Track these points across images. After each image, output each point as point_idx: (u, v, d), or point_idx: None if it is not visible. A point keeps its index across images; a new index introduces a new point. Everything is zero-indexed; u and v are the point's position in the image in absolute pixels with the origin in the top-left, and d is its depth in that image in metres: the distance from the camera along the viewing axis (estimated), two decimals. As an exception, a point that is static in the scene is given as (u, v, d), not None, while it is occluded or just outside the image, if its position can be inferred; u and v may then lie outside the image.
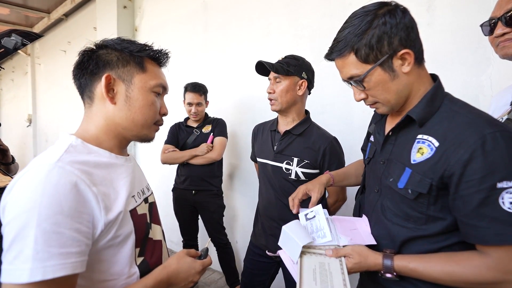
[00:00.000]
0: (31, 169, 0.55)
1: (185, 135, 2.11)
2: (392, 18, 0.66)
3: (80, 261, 0.54)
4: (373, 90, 0.71)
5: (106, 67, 0.67)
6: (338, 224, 0.87)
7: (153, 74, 0.71)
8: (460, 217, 0.64)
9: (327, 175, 1.04)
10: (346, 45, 0.69)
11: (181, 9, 2.77)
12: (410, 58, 0.68)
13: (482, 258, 0.62)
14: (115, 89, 0.68)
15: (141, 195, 0.75)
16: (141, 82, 0.69)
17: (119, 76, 0.68)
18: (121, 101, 0.68)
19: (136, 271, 0.67)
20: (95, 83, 0.68)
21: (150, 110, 0.71)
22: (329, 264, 0.74)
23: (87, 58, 0.68)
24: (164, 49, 0.75)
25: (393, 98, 0.71)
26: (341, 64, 0.73)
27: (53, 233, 0.50)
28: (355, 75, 0.71)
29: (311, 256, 0.77)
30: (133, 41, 0.71)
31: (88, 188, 0.57)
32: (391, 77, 0.69)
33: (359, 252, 0.75)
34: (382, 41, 0.66)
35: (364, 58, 0.68)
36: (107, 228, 0.59)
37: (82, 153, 0.63)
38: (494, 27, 0.87)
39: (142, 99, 0.69)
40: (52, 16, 4.59)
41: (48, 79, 5.36)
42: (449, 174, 0.63)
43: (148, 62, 0.71)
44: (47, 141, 5.47)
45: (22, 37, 1.20)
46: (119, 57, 0.68)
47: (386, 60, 0.67)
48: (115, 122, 0.69)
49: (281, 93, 1.21)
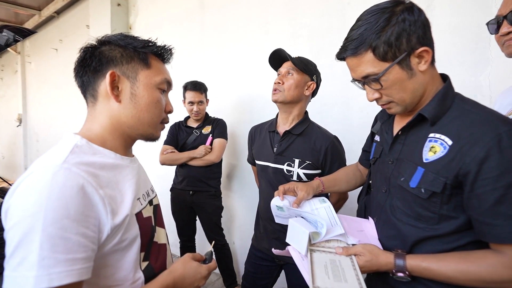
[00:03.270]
0: (35, 171, 0.52)
1: (184, 136, 2.08)
2: (411, 15, 0.65)
3: (87, 268, 0.52)
4: (389, 89, 0.70)
5: (110, 63, 0.65)
6: (345, 224, 0.86)
7: (158, 70, 0.70)
8: (475, 215, 0.63)
9: (317, 181, 1.03)
10: (363, 43, 0.67)
11: (177, 7, 2.73)
12: (428, 56, 0.67)
13: (497, 257, 0.62)
14: (119, 86, 0.65)
15: (146, 197, 0.73)
16: (146, 78, 0.67)
17: (123, 73, 0.65)
18: (126, 98, 0.66)
19: (140, 276, 0.65)
20: (98, 80, 0.65)
21: (156, 107, 0.69)
22: (340, 261, 0.73)
23: (89, 55, 0.65)
24: (168, 45, 0.73)
25: (409, 97, 0.71)
26: (356, 62, 0.70)
27: (59, 238, 0.48)
28: (372, 74, 0.69)
29: (321, 254, 0.76)
30: (136, 37, 0.69)
31: (95, 190, 0.55)
32: (409, 76, 0.68)
33: (370, 250, 0.74)
34: (401, 39, 0.65)
35: (382, 56, 0.66)
36: (113, 232, 0.57)
37: (88, 154, 0.61)
38: (500, 25, 0.87)
39: (147, 96, 0.67)
40: (43, 13, 4.49)
41: (39, 78, 5.25)
42: (464, 172, 0.62)
43: (152, 58, 0.69)
44: (38, 141, 5.36)
45: (14, 33, 1.15)
46: (123, 53, 0.66)
47: (404, 58, 0.66)
48: (120, 121, 0.67)
49: (290, 86, 1.19)
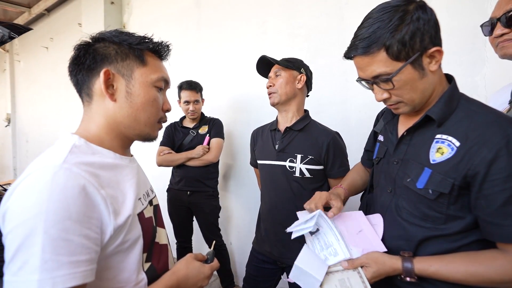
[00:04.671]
0: (33, 172, 0.50)
1: (181, 136, 2.06)
2: (424, 13, 0.64)
3: (90, 270, 0.50)
4: (400, 90, 0.68)
5: (104, 61, 0.63)
6: (343, 227, 0.84)
7: (154, 67, 0.67)
8: (482, 215, 0.64)
9: (342, 189, 0.98)
10: (375, 42, 0.65)
11: (172, 6, 2.70)
12: (440, 56, 0.66)
13: (506, 257, 0.62)
14: (114, 85, 0.63)
15: (146, 198, 0.72)
16: (142, 76, 0.65)
17: (118, 71, 0.63)
18: (121, 97, 0.64)
19: (144, 278, 0.64)
20: (93, 79, 0.63)
21: (153, 106, 0.67)
22: (348, 279, 0.72)
23: (83, 53, 0.63)
24: (165, 41, 0.71)
25: (418, 98, 0.70)
26: (367, 62, 0.68)
27: (61, 240, 0.46)
28: (384, 74, 0.67)
29: (328, 276, 0.74)
30: (132, 33, 0.67)
31: (96, 191, 0.53)
32: (420, 76, 0.67)
33: (375, 259, 0.72)
34: (415, 38, 0.64)
35: (396, 56, 0.64)
36: (116, 233, 0.56)
37: (87, 153, 0.59)
38: (494, 27, 0.88)
39: (143, 95, 0.65)
40: (33, 10, 4.38)
41: (28, 77, 5.13)
42: (472, 173, 0.62)
43: (148, 55, 0.67)
44: (27, 142, 5.23)
45: (10, 30, 1.11)
46: (118, 51, 0.64)
47: (417, 57, 0.65)
48: (116, 120, 0.65)
49: (280, 85, 1.24)
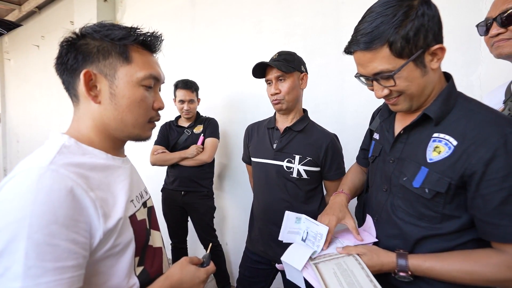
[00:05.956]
0: (18, 174, 0.48)
1: (176, 135, 2.03)
2: (429, 9, 0.62)
3: (77, 276, 0.48)
4: (401, 87, 0.67)
5: (86, 61, 0.58)
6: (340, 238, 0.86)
7: (141, 64, 0.62)
8: (479, 215, 0.63)
9: (344, 195, 0.96)
10: (379, 37, 0.62)
11: (166, 3, 2.67)
12: (442, 54, 0.65)
13: (500, 256, 0.62)
14: (98, 86, 0.59)
15: (140, 199, 0.69)
16: (126, 75, 0.60)
17: (100, 71, 0.59)
18: (105, 99, 0.60)
19: (135, 282, 0.61)
20: (76, 80, 0.59)
21: (140, 107, 0.62)
22: (345, 262, 0.73)
23: (65, 52, 0.59)
24: (154, 31, 0.65)
25: (419, 95, 0.69)
26: (369, 58, 0.65)
27: (46, 245, 0.44)
28: (386, 70, 0.65)
29: (325, 263, 0.75)
30: (117, 26, 0.61)
31: (85, 193, 0.51)
32: (422, 73, 0.66)
33: (369, 248, 0.75)
34: (419, 34, 0.62)
35: (399, 52, 0.62)
36: (106, 237, 0.54)
37: (77, 154, 0.56)
38: (489, 27, 0.89)
39: (129, 96, 0.60)
40: (23, 8, 4.29)
41: (19, 76, 5.03)
42: (470, 173, 0.62)
43: (134, 50, 0.61)
44: (18, 142, 5.13)
45: None
46: (99, 48, 0.59)
47: (419, 55, 0.63)
48: (104, 122, 0.61)
49: (288, 91, 1.17)
